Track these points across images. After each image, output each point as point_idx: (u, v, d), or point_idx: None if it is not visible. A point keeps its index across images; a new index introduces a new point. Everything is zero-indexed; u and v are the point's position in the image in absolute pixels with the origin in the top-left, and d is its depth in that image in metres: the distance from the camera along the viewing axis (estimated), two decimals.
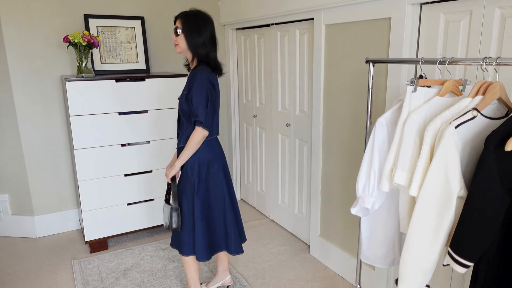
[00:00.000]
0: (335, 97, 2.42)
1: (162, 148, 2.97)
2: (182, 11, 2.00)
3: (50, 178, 3.13)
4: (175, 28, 1.94)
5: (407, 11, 1.87)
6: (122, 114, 2.79)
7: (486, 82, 1.27)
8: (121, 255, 2.84)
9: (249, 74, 3.48)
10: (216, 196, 2.07)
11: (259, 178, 3.56)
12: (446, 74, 1.78)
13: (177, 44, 1.95)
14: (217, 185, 2.07)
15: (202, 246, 2.05)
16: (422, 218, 1.28)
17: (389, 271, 2.20)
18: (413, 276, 1.34)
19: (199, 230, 2.04)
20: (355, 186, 2.02)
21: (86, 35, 2.68)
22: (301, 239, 3.04)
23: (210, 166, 2.03)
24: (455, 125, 1.20)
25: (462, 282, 1.83)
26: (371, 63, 1.72)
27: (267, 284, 2.48)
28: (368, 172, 1.59)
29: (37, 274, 2.63)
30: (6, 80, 2.90)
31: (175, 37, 1.95)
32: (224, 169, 2.11)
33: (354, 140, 2.33)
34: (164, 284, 2.47)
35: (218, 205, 2.08)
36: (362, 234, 1.74)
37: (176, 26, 1.94)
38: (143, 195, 2.96)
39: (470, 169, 1.29)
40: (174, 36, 1.95)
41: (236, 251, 2.13)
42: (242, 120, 3.71)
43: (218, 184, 2.07)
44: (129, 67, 3.15)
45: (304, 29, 2.67)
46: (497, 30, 1.58)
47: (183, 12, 1.96)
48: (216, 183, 2.06)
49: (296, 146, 2.95)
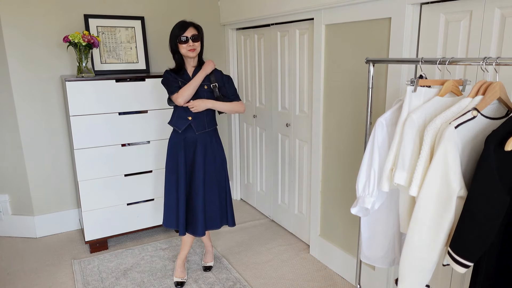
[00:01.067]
0: (335, 97, 2.42)
1: (162, 148, 2.97)
2: (184, 19, 2.32)
3: (50, 178, 3.13)
4: (195, 35, 2.25)
5: (407, 11, 1.87)
6: (122, 114, 2.79)
7: (486, 82, 1.27)
8: (121, 255, 2.84)
9: (249, 74, 3.48)
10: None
11: (259, 178, 3.56)
12: (446, 74, 1.78)
13: (195, 49, 2.26)
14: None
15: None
16: (422, 218, 1.28)
17: (389, 271, 2.20)
18: (413, 276, 1.34)
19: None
20: (355, 186, 2.02)
21: (86, 35, 2.68)
22: (301, 239, 3.04)
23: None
24: (455, 125, 1.20)
25: (462, 282, 1.83)
26: (371, 63, 1.72)
27: (267, 284, 2.48)
28: (368, 172, 1.59)
29: (37, 274, 2.63)
30: (6, 80, 2.90)
31: (194, 43, 2.25)
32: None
33: (354, 140, 2.33)
34: (164, 284, 2.47)
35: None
36: (362, 234, 1.74)
37: (194, 34, 2.25)
38: (143, 195, 2.96)
39: (470, 169, 1.29)
40: (192, 42, 2.24)
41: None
42: (242, 120, 3.71)
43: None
44: (129, 67, 3.15)
45: (304, 29, 2.67)
46: (497, 30, 1.58)
47: (192, 22, 2.29)
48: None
49: (296, 146, 2.95)
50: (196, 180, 2.32)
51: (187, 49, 2.24)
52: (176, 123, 2.33)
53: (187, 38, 2.23)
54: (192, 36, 2.24)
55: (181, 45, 2.24)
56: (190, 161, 2.35)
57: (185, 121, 2.31)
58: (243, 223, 3.37)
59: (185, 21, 2.26)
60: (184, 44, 2.24)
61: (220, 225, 2.44)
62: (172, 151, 2.38)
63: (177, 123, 2.32)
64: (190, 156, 2.34)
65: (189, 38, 2.23)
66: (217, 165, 2.40)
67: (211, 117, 2.37)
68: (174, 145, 2.37)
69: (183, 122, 2.31)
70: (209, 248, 2.66)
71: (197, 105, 2.26)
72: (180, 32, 2.23)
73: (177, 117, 2.33)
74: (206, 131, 2.34)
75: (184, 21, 2.27)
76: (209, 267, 2.62)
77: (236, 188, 3.92)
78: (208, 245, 2.66)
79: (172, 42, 2.26)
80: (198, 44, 2.28)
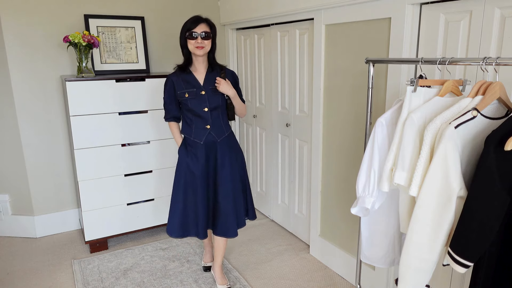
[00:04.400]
0: (335, 97, 2.43)
1: (162, 148, 2.97)
2: (196, 15, 2.16)
3: (50, 178, 3.13)
4: (207, 33, 2.12)
5: (407, 11, 1.87)
6: (122, 114, 2.79)
7: (486, 82, 1.27)
8: (121, 255, 2.84)
9: (249, 74, 3.48)
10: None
11: (259, 178, 3.56)
12: (446, 74, 1.78)
13: (204, 47, 2.13)
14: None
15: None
16: (422, 218, 1.28)
17: (389, 271, 2.20)
18: (413, 276, 1.34)
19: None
20: (355, 186, 2.02)
21: (86, 35, 2.68)
22: (301, 239, 3.04)
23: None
24: (455, 125, 1.20)
25: (462, 282, 1.83)
26: (371, 63, 1.72)
27: (267, 284, 2.48)
28: (368, 172, 1.59)
29: (37, 274, 2.63)
30: (7, 80, 2.90)
31: (203, 41, 2.12)
32: None
33: (354, 140, 2.33)
34: (164, 284, 2.47)
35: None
36: (362, 234, 1.74)
37: (205, 31, 2.11)
38: (143, 195, 2.96)
39: (470, 169, 1.29)
40: (201, 39, 2.11)
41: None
42: (242, 120, 3.71)
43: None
44: (129, 67, 3.15)
45: (304, 29, 2.67)
46: (497, 30, 1.58)
47: (206, 18, 2.15)
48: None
49: (296, 146, 2.95)
50: (224, 183, 2.24)
51: (194, 46, 2.12)
52: (196, 135, 2.22)
53: (196, 34, 2.11)
54: (202, 32, 2.11)
55: (190, 41, 2.12)
56: (213, 165, 2.26)
57: (205, 131, 2.21)
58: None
59: (199, 17, 2.14)
60: (192, 40, 2.11)
61: (245, 221, 2.41)
62: (186, 159, 2.25)
63: (197, 135, 2.21)
64: (212, 161, 2.25)
65: (199, 35, 2.11)
66: (239, 163, 2.34)
67: (226, 120, 2.28)
68: (190, 153, 2.25)
69: (202, 132, 2.21)
70: (209, 248, 2.66)
71: (224, 85, 2.17)
72: (191, 26, 2.11)
73: (195, 128, 2.21)
74: (225, 136, 2.27)
75: (199, 16, 2.14)
76: (209, 267, 2.62)
77: None
78: (209, 245, 2.66)
79: (182, 36, 2.15)
80: (208, 42, 2.14)
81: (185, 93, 2.18)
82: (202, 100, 2.19)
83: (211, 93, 2.19)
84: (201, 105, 2.18)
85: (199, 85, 2.20)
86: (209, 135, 2.22)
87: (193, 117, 2.21)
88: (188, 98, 2.18)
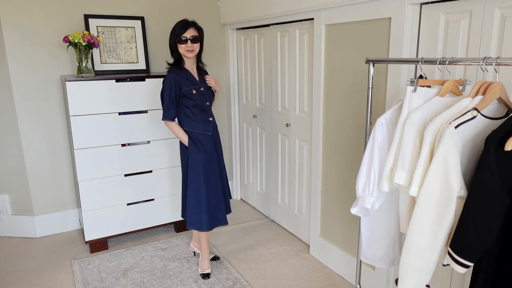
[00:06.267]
0: (335, 97, 2.43)
1: (162, 148, 2.97)
2: (185, 18, 2.34)
3: (50, 178, 3.13)
4: (195, 37, 2.28)
5: (407, 11, 1.87)
6: (122, 114, 2.79)
7: (486, 82, 1.27)
8: (121, 255, 2.84)
9: (249, 74, 3.48)
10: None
11: (259, 178, 3.56)
12: (446, 74, 1.79)
13: (194, 50, 2.30)
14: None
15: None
16: (422, 218, 1.28)
17: (389, 271, 2.20)
18: (413, 276, 1.34)
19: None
20: (355, 186, 2.02)
21: (86, 35, 2.68)
22: (301, 239, 3.04)
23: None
24: (455, 125, 1.20)
25: (462, 282, 1.83)
26: (371, 63, 1.72)
27: (267, 284, 2.48)
28: (368, 172, 1.59)
29: (37, 274, 2.63)
30: (7, 80, 2.90)
31: (192, 44, 2.28)
32: None
33: (354, 140, 2.33)
34: (164, 284, 2.47)
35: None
36: (362, 234, 1.74)
37: (194, 35, 2.28)
38: (143, 195, 2.96)
39: (470, 169, 1.29)
40: (190, 43, 2.27)
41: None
42: (242, 120, 3.71)
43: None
44: (129, 67, 3.15)
45: (304, 29, 2.67)
46: (497, 30, 1.58)
47: (194, 22, 2.31)
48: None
49: (296, 146, 2.95)
50: (224, 168, 2.55)
51: (185, 49, 2.28)
52: (203, 128, 2.39)
53: (186, 38, 2.26)
54: (191, 37, 2.27)
55: (180, 45, 2.28)
56: (216, 153, 2.48)
57: (209, 123, 2.42)
58: (243, 223, 3.37)
59: (187, 21, 2.28)
60: (183, 44, 2.28)
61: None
62: (198, 155, 2.37)
63: (204, 128, 2.40)
64: (216, 150, 2.48)
65: (188, 39, 2.27)
66: (222, 153, 2.64)
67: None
68: (200, 148, 2.38)
69: (207, 123, 2.41)
70: (197, 236, 2.78)
71: (214, 82, 2.44)
72: (180, 31, 2.26)
73: (201, 122, 2.39)
74: (216, 125, 2.52)
75: (186, 20, 2.29)
76: (208, 274, 2.59)
77: (236, 188, 3.92)
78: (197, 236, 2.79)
79: (172, 40, 2.30)
80: (197, 45, 2.32)
81: (192, 89, 2.34)
82: (204, 95, 2.39)
83: (206, 88, 2.42)
84: (205, 100, 2.39)
85: (198, 82, 2.37)
86: (213, 126, 2.45)
87: (197, 111, 2.37)
88: (196, 94, 2.34)
